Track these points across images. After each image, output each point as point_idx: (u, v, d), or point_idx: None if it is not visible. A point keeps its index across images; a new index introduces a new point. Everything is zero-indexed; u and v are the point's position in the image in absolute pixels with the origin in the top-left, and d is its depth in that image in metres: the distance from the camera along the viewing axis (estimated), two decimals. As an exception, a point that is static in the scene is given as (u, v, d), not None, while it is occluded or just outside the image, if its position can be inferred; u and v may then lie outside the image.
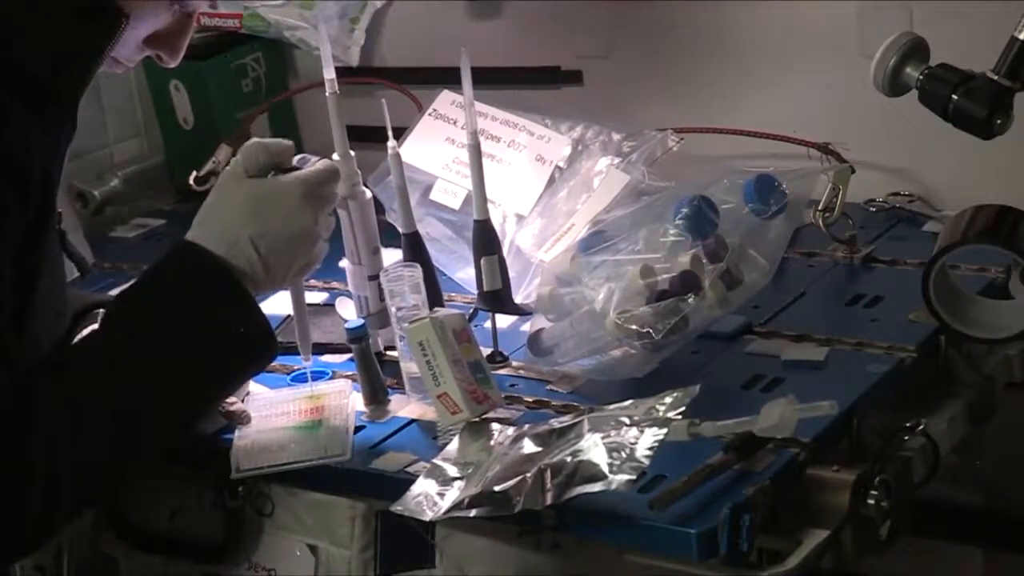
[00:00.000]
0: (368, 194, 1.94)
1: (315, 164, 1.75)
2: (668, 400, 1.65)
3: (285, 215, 1.71)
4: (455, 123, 2.21)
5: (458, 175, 2.17)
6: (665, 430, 1.60)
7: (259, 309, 1.70)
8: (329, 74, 1.89)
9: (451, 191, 2.18)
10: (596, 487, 1.56)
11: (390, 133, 1.97)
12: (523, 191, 2.15)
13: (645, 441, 1.59)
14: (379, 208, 1.99)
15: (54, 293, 1.70)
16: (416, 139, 2.22)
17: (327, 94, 1.89)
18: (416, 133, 2.23)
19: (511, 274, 1.99)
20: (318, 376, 1.93)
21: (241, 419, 1.84)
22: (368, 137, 2.12)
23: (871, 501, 1.64)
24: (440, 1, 2.56)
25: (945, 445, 1.80)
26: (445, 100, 2.24)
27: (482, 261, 1.94)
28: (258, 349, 1.72)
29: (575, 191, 2.11)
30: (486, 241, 1.95)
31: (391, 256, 1.99)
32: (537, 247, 2.08)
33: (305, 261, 1.75)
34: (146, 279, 1.72)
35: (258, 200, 1.71)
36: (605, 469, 1.57)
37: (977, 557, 2.19)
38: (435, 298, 1.95)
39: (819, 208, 2.09)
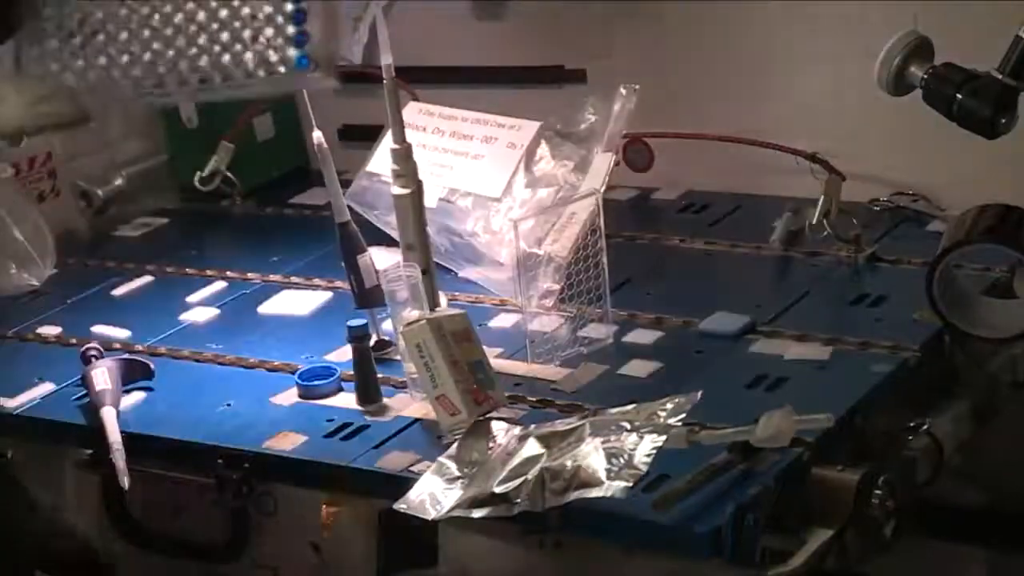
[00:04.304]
0: None
1: None
2: (669, 406, 1.65)
3: None
4: (424, 130, 2.23)
5: (430, 175, 2.17)
6: (664, 437, 1.60)
7: None
8: (387, 59, 1.87)
9: None
10: (593, 493, 1.56)
11: (314, 122, 1.98)
12: (493, 176, 2.18)
13: (644, 448, 1.59)
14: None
15: None
16: (386, 149, 2.23)
17: (384, 81, 1.88)
18: (386, 143, 2.23)
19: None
20: (319, 375, 1.92)
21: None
22: (368, 137, 2.12)
23: (875, 501, 1.64)
24: (443, 1, 2.56)
25: (949, 445, 1.80)
26: (412, 110, 2.26)
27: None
28: None
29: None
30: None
31: (391, 257, 1.99)
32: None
33: None
34: None
35: None
36: (603, 475, 1.57)
37: (981, 557, 2.18)
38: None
39: (813, 222, 2.10)
